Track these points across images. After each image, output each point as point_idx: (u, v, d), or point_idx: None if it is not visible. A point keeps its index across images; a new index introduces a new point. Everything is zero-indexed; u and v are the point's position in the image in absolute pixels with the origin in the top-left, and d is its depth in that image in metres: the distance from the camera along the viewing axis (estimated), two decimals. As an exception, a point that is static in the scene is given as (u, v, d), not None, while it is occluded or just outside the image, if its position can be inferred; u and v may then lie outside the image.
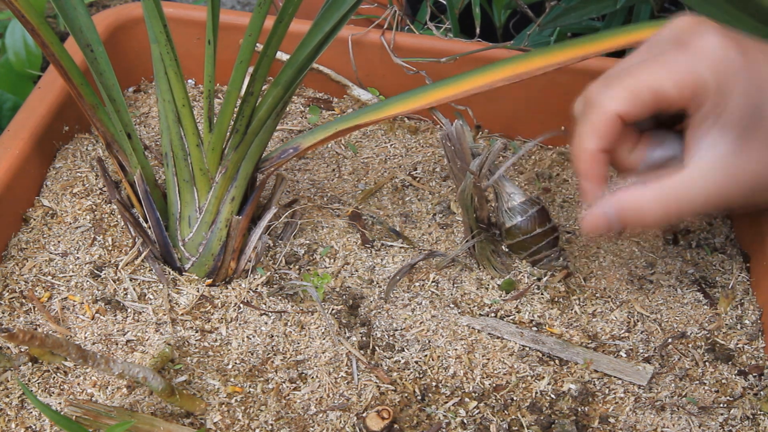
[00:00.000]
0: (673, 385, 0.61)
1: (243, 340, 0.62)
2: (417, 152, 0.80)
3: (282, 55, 0.82)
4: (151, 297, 0.65)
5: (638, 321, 0.65)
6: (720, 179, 0.56)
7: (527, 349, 0.63)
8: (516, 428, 0.58)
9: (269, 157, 0.67)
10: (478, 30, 0.85)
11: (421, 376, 0.61)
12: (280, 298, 0.65)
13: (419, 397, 0.59)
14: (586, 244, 0.71)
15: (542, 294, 0.67)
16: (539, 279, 0.67)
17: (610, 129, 0.58)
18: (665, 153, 0.61)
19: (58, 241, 0.68)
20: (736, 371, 0.62)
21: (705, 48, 0.56)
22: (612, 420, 0.58)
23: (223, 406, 0.58)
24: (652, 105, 0.58)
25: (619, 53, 0.73)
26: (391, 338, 0.63)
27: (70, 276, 0.66)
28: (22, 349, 0.60)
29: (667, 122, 0.61)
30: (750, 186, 0.56)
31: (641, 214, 0.58)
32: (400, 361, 0.62)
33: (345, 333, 0.63)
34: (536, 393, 0.60)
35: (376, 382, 0.60)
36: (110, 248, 0.68)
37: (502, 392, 0.60)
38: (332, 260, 0.69)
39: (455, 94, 0.65)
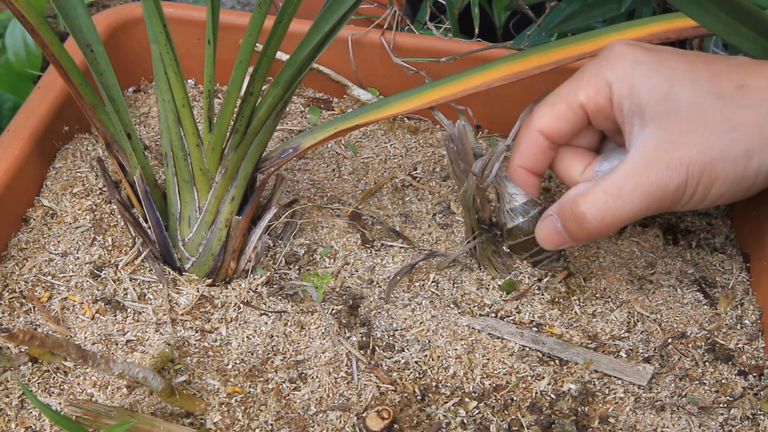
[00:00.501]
0: (673, 385, 0.61)
1: (243, 340, 0.62)
2: (417, 152, 0.80)
3: (282, 55, 0.82)
4: (151, 297, 0.65)
5: (638, 321, 0.65)
6: (651, 172, 0.55)
7: (527, 349, 0.63)
8: (516, 428, 0.58)
9: (269, 156, 0.67)
10: (476, 30, 0.85)
11: (421, 376, 0.61)
12: (280, 298, 0.65)
13: (419, 397, 0.59)
14: (586, 245, 0.71)
15: (543, 294, 0.67)
16: (540, 279, 0.67)
17: (529, 145, 0.62)
18: (613, 165, 0.61)
19: (58, 241, 0.68)
20: (736, 371, 0.62)
21: (611, 54, 0.58)
22: (612, 420, 0.58)
23: (223, 406, 0.58)
24: (575, 118, 0.60)
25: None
26: (391, 338, 0.63)
27: (70, 276, 0.66)
28: (22, 349, 0.60)
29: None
30: (686, 176, 0.54)
31: (582, 221, 0.58)
32: (400, 361, 0.62)
33: (345, 333, 0.63)
34: (536, 393, 0.60)
35: (376, 382, 0.60)
36: (110, 248, 0.68)
37: (502, 392, 0.60)
38: (332, 260, 0.69)
39: (455, 92, 0.66)
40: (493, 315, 0.65)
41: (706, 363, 0.63)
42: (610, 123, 0.59)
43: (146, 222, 0.67)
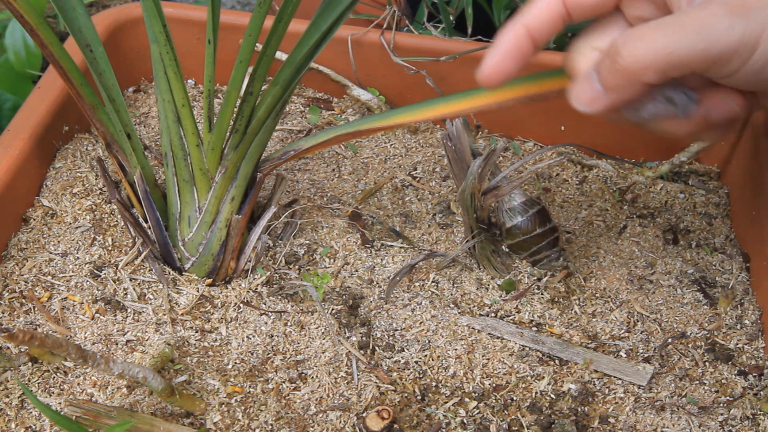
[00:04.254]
0: (673, 385, 0.61)
1: (243, 340, 0.62)
2: (417, 152, 0.80)
3: (282, 55, 0.82)
4: (151, 297, 0.65)
5: (638, 321, 0.65)
6: (707, 10, 0.45)
7: (527, 349, 0.63)
8: (516, 428, 0.58)
9: (270, 158, 0.67)
10: (470, 29, 0.85)
11: (421, 376, 0.61)
12: (280, 298, 0.65)
13: (419, 397, 0.59)
14: (587, 244, 0.71)
15: (542, 294, 0.67)
16: (539, 279, 0.67)
17: (545, 7, 0.51)
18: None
19: (58, 241, 0.68)
20: (736, 371, 0.62)
21: None
22: (612, 420, 0.58)
23: (223, 406, 0.58)
24: None
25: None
26: (391, 338, 0.63)
27: (70, 276, 0.66)
28: (22, 349, 0.60)
29: None
30: (749, 20, 0.44)
31: (614, 57, 0.46)
32: (400, 361, 0.62)
33: (345, 333, 0.63)
34: (536, 393, 0.60)
35: (376, 382, 0.60)
36: (110, 248, 0.68)
37: (502, 392, 0.60)
38: (332, 260, 0.69)
39: (463, 109, 0.63)
40: (492, 315, 0.65)
41: (706, 363, 0.63)
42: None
43: (146, 222, 0.67)
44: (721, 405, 0.60)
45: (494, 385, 0.60)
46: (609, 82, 0.47)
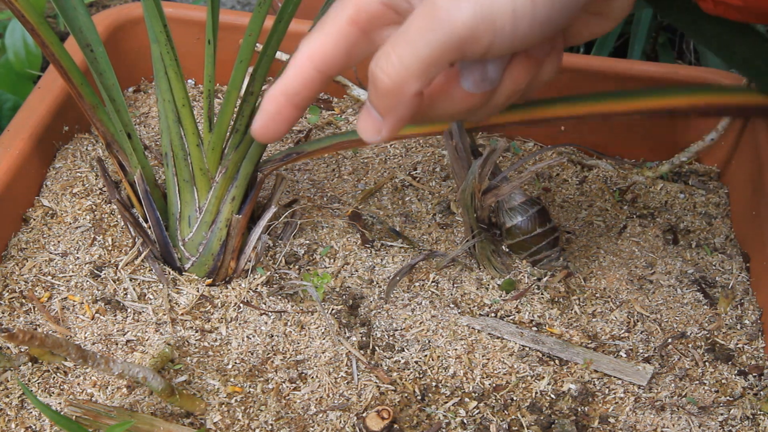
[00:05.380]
0: (673, 385, 0.61)
1: (243, 340, 0.62)
2: (417, 152, 0.80)
3: (282, 55, 0.82)
4: (151, 297, 0.65)
5: (638, 321, 0.65)
6: (436, 9, 0.44)
7: (527, 349, 0.63)
8: (516, 428, 0.58)
9: (272, 159, 0.67)
10: None
11: (421, 376, 0.61)
12: (280, 297, 0.65)
13: (419, 397, 0.59)
14: (587, 244, 0.71)
15: (542, 294, 0.67)
16: (539, 279, 0.67)
17: (297, 71, 0.48)
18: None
19: (58, 241, 0.68)
20: (736, 371, 0.62)
21: None
22: (612, 420, 0.58)
23: (223, 406, 0.58)
24: (345, 38, 0.48)
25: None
26: (391, 338, 0.63)
27: (70, 276, 0.66)
28: (22, 349, 0.60)
29: None
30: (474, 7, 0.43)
31: (373, 82, 0.45)
32: (400, 361, 0.62)
33: (345, 333, 0.63)
34: (536, 393, 0.60)
35: (376, 382, 0.60)
36: (110, 248, 0.68)
37: (502, 392, 0.60)
38: (332, 260, 0.69)
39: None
40: (492, 315, 0.65)
41: (706, 363, 0.63)
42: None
43: (146, 222, 0.67)
44: (721, 405, 0.60)
45: (494, 385, 0.60)
46: (381, 107, 0.47)
